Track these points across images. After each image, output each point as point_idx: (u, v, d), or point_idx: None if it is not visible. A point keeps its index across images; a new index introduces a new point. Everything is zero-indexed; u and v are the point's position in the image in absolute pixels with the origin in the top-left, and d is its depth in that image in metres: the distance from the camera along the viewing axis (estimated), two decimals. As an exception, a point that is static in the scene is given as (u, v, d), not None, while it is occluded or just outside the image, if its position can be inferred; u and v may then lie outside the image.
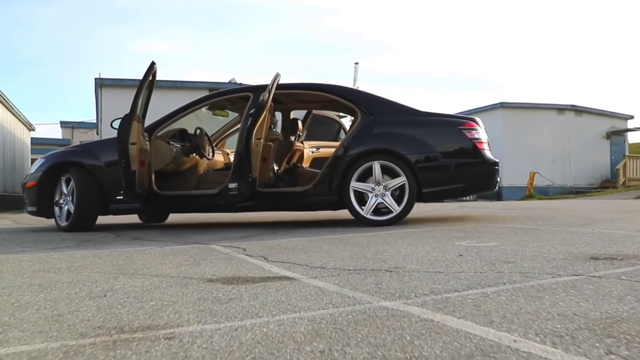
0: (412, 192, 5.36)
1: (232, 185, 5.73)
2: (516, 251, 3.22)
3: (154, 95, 6.25)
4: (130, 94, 6.17)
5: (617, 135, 26.22)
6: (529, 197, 20.82)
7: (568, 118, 25.13)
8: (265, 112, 5.57)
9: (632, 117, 26.85)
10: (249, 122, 5.52)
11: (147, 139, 6.07)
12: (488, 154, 5.59)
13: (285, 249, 3.73)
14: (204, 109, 7.24)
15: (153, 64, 5.90)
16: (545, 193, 22.08)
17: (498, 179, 5.71)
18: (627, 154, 24.95)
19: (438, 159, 5.51)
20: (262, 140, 5.62)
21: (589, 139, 25.21)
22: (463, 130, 5.53)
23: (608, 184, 23.98)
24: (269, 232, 5.28)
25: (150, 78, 6.00)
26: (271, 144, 6.00)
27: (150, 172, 6.04)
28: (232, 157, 7.23)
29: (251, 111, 5.63)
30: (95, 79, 19.43)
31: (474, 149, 5.51)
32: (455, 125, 5.61)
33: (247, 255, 3.49)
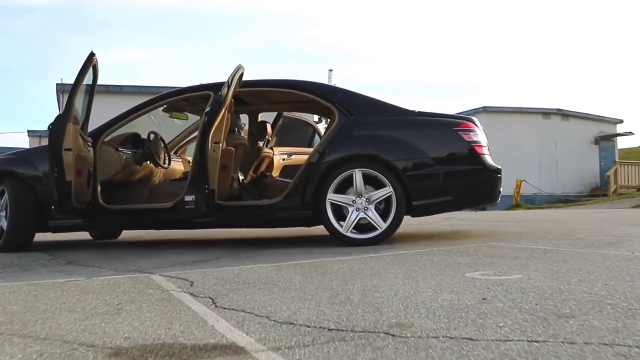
0: (400, 205, 4.78)
1: (188, 198, 5.12)
2: (558, 291, 2.48)
3: (119, 101, 5.60)
4: (95, 100, 5.60)
5: (606, 141, 26.09)
6: (516, 206, 20.35)
7: (554, 123, 24.97)
8: (223, 110, 4.93)
9: (621, 122, 26.83)
10: (204, 123, 4.88)
11: (89, 144, 5.44)
12: (489, 159, 5.04)
13: (244, 284, 3.04)
14: (160, 111, 6.67)
15: (92, 54, 5.22)
16: (531, 202, 21.68)
17: (501, 189, 5.11)
18: (617, 159, 24.76)
19: (430, 166, 4.94)
20: (220, 145, 4.96)
21: (576, 144, 25.04)
22: (459, 132, 4.97)
23: (598, 192, 23.75)
24: (231, 254, 4.65)
25: (92, 72, 5.35)
26: (233, 149, 5.37)
27: (94, 183, 5.43)
28: None
29: (207, 110, 4.97)
30: (57, 84, 18.90)
31: (473, 154, 4.94)
32: (449, 127, 5.03)
33: (192, 294, 2.78)
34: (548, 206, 19.68)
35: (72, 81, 5.27)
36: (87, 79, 5.41)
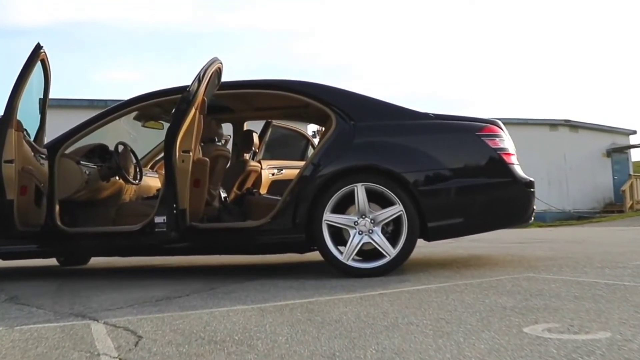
0: (412, 226, 4.11)
1: (159, 220, 4.50)
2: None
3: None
4: (76, 115, 5.30)
5: (618, 153, 25.51)
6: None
7: (562, 134, 24.34)
8: (193, 110, 4.24)
9: (634, 132, 26.27)
10: (169, 127, 4.21)
11: (42, 156, 4.81)
12: (519, 170, 4.39)
13: (209, 344, 2.29)
14: (133, 120, 6.18)
15: (39, 46, 4.57)
16: (542, 219, 20.95)
17: (534, 207, 4.41)
18: (631, 173, 24.16)
19: (449, 179, 4.27)
20: (191, 155, 4.27)
21: (587, 157, 24.38)
22: (482, 138, 4.30)
23: (613, 208, 23.09)
24: (206, 288, 3.97)
25: (42, 70, 4.77)
26: (207, 160, 4.69)
27: (51, 201, 4.85)
28: None
29: (173, 111, 4.32)
30: (39, 99, 18.25)
31: (499, 164, 4.28)
32: (470, 131, 4.36)
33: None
34: (561, 223, 19.01)
35: (53, 95, 4.74)
36: (39, 80, 4.83)
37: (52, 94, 5.15)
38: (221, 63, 4.56)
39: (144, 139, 7.10)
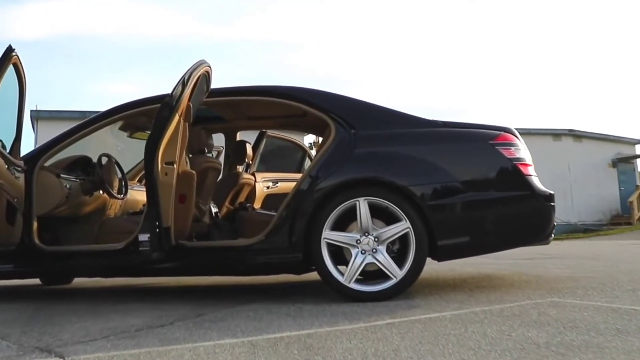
0: (420, 245, 3.81)
1: (143, 237, 4.22)
2: None
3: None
4: (68, 127, 5.04)
5: (624, 163, 25.33)
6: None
7: (566, 144, 24.24)
8: (176, 117, 3.93)
9: (640, 142, 25.98)
10: (150, 136, 3.92)
11: (17, 169, 4.55)
12: (537, 182, 4.10)
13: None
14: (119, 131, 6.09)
15: (11, 48, 4.32)
16: (547, 231, 20.70)
17: (555, 223, 4.10)
18: (639, 183, 23.93)
19: (460, 193, 3.96)
20: (176, 167, 3.96)
21: (591, 167, 24.22)
22: (496, 147, 4.01)
23: (620, 220, 22.86)
24: (192, 314, 3.66)
25: (16, 75, 4.50)
26: (193, 172, 4.40)
27: (28, 218, 4.61)
28: None
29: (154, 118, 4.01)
30: (31, 111, 18.78)
31: (516, 175, 3.98)
32: (483, 140, 4.07)
33: None
34: (567, 236, 18.73)
35: (45, 108, 4.50)
36: (12, 86, 4.54)
37: (45, 106, 4.94)
38: (209, 66, 4.27)
39: (132, 151, 6.85)
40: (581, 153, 24.20)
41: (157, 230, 3.95)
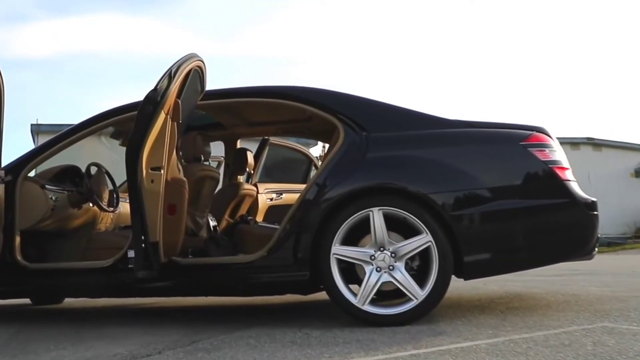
0: (444, 261, 3.46)
1: (132, 254, 3.96)
2: None
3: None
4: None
5: (648, 172, 24.92)
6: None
7: (585, 154, 23.96)
8: (162, 114, 3.62)
9: (663, 150, 25.71)
10: (130, 137, 3.67)
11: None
12: (576, 188, 3.77)
13: None
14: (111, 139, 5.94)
15: None
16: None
17: (598, 236, 3.71)
18: (664, 194, 23.59)
19: (489, 202, 3.61)
20: (163, 173, 3.64)
21: (613, 177, 23.90)
22: (529, 149, 3.66)
23: (645, 233, 22.49)
24: (185, 341, 3.38)
25: None
26: (184, 180, 4.12)
27: (10, 233, 4.41)
28: None
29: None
30: (31, 125, 19.22)
31: (553, 181, 3.63)
32: (514, 141, 3.73)
33: None
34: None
35: (45, 122, 4.33)
36: None
37: (45, 119, 4.72)
38: (202, 61, 3.97)
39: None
40: (601, 162, 23.98)
41: (144, 245, 3.62)
